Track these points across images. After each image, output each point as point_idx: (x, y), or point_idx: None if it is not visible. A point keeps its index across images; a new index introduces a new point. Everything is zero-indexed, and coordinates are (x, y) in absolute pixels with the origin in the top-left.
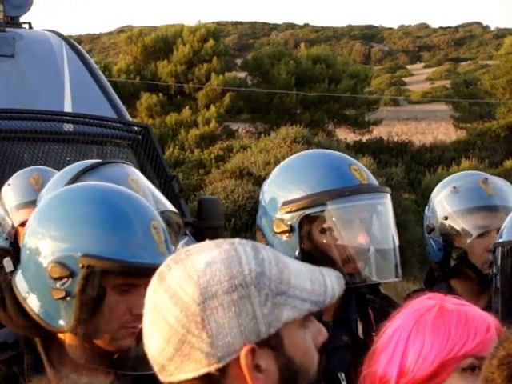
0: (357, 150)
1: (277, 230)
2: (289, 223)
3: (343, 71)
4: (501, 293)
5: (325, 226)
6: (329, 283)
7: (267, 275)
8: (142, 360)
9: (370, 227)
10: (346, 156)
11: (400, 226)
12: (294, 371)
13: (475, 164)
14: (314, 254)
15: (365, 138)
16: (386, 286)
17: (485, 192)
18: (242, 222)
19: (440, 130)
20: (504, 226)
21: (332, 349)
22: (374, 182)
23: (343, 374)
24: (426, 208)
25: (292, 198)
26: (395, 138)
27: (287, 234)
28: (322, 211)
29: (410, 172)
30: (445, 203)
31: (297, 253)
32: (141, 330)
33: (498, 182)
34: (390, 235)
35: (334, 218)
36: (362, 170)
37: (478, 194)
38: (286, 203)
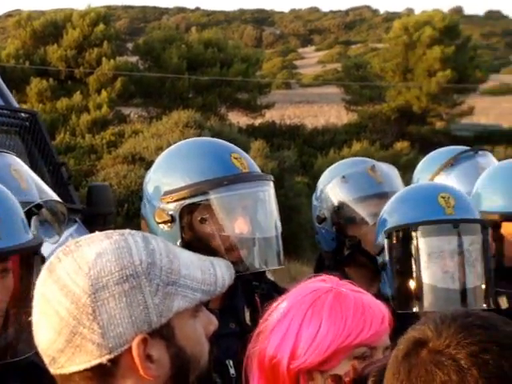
0: (249, 133)
1: (158, 220)
2: (170, 213)
3: (235, 55)
4: (392, 278)
5: (205, 215)
6: (219, 273)
7: (158, 265)
8: (11, 348)
9: (253, 215)
10: (228, 144)
11: (293, 209)
12: (186, 360)
13: (366, 146)
14: (195, 245)
15: (257, 122)
16: (279, 270)
17: (374, 180)
18: (136, 207)
19: (332, 113)
20: (384, 211)
21: (219, 336)
22: (256, 169)
23: (231, 362)
24: (314, 197)
25: (173, 187)
26: (287, 122)
27: (169, 224)
28: (202, 201)
29: (302, 155)
30: (335, 193)
31: (178, 243)
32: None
33: (385, 168)
34: (273, 223)
35: (214, 208)
36: (243, 158)
37: (367, 183)
38: (166, 193)
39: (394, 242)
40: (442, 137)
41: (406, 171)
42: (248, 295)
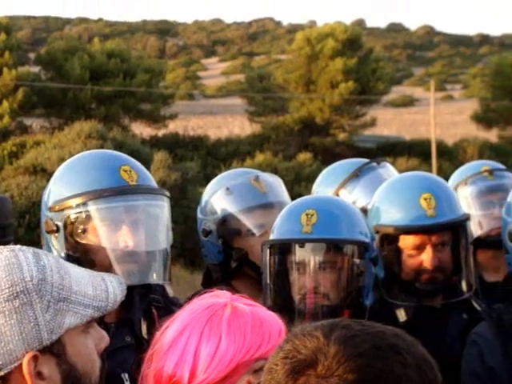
0: (152, 144)
1: (47, 230)
2: (56, 223)
3: (138, 66)
4: (269, 289)
5: (87, 226)
6: (110, 288)
7: (49, 282)
8: None
9: (135, 229)
10: (122, 157)
11: (196, 220)
12: (77, 378)
13: (270, 157)
14: (77, 256)
15: (161, 133)
16: (183, 281)
17: (258, 190)
18: (37, 218)
19: (235, 124)
20: (275, 225)
21: (115, 349)
22: (149, 183)
23: (127, 375)
24: (198, 210)
25: (61, 197)
26: (191, 133)
27: (55, 234)
28: (82, 212)
29: (205, 166)
30: (220, 205)
31: (63, 254)
32: None
33: (269, 178)
34: (158, 237)
35: (93, 220)
36: (133, 171)
37: (252, 193)
38: (54, 202)
39: (272, 255)
40: (344, 148)
41: (309, 182)
42: (145, 308)
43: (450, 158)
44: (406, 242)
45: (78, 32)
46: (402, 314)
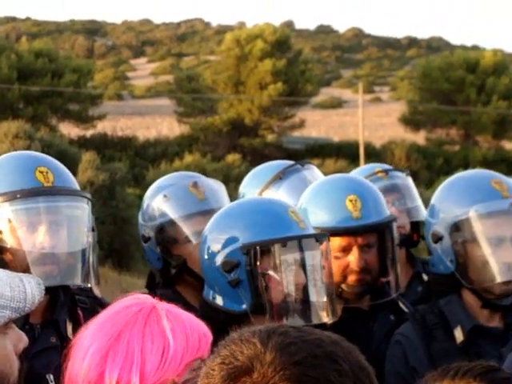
0: (80, 145)
1: None
2: None
3: (66, 65)
4: (250, 294)
5: (4, 228)
6: (28, 289)
7: None
8: None
9: (55, 230)
10: (40, 157)
11: (124, 220)
12: None
13: (198, 158)
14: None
15: (89, 133)
16: (110, 282)
17: (196, 197)
18: None
19: (164, 125)
20: (227, 226)
21: (40, 350)
22: (67, 184)
23: (52, 376)
24: (140, 215)
25: None
26: (119, 133)
27: None
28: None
29: (134, 167)
30: (158, 212)
31: None
32: None
33: (210, 183)
34: (76, 238)
35: (12, 221)
36: (50, 173)
37: (189, 200)
38: None
39: (254, 257)
40: (273, 149)
41: (238, 183)
42: (70, 309)
43: (378, 159)
44: (333, 244)
45: (5, 31)
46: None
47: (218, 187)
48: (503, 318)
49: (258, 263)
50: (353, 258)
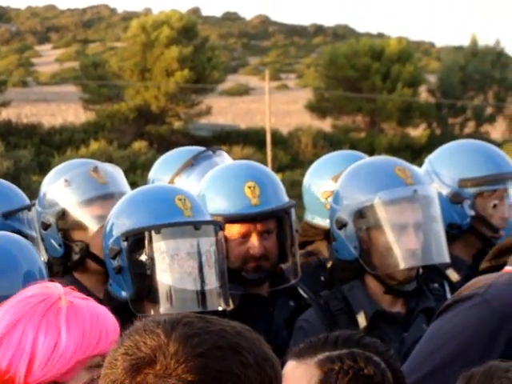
0: None
1: None
2: None
3: None
4: (131, 281)
5: None
6: None
7: None
8: None
9: None
10: None
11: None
12: None
13: (104, 146)
14: None
15: None
16: None
17: (98, 181)
18: None
19: (70, 112)
20: (113, 214)
21: None
22: None
23: None
24: (37, 203)
25: None
26: (24, 120)
27: None
28: None
29: (39, 154)
30: (59, 197)
31: None
32: None
33: (109, 168)
34: None
35: None
36: None
37: (91, 184)
38: None
39: (134, 244)
40: (180, 136)
41: (145, 170)
42: None
43: (285, 146)
44: (232, 230)
45: None
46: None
47: (117, 172)
48: (405, 303)
49: (137, 250)
50: (252, 245)
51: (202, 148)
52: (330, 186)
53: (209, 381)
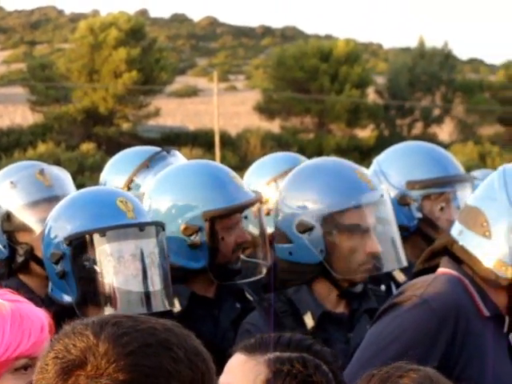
0: None
1: None
2: None
3: None
4: (76, 285)
5: None
6: None
7: None
8: None
9: None
10: None
11: None
12: None
13: (52, 148)
14: None
15: None
16: None
17: (43, 184)
18: None
19: (17, 114)
20: (52, 217)
21: None
22: None
23: None
24: None
25: None
26: None
27: None
28: None
29: None
30: (4, 199)
31: None
32: None
33: (55, 171)
34: None
35: None
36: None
37: (36, 187)
38: None
39: (77, 248)
40: (128, 138)
41: (93, 173)
42: None
43: (234, 148)
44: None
45: None
46: (176, 305)
47: (63, 175)
48: (348, 304)
49: (81, 254)
50: (241, 233)
51: (155, 148)
52: (264, 190)
53: (141, 378)
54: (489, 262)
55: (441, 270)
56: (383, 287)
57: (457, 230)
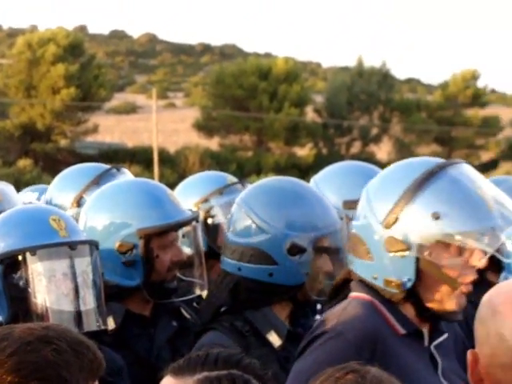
0: None
1: None
2: None
3: None
4: (7, 305)
5: None
6: None
7: None
8: None
9: None
10: None
11: None
12: None
13: None
14: None
15: None
16: None
17: None
18: None
19: None
20: None
21: None
22: None
23: None
24: None
25: None
26: None
27: None
28: None
29: None
30: None
31: None
32: None
33: (1, 185)
34: None
35: None
36: None
37: None
38: None
39: (9, 267)
40: (66, 155)
41: None
42: None
43: (172, 165)
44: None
45: None
46: (111, 322)
47: (9, 190)
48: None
49: (13, 273)
50: (178, 251)
51: (103, 165)
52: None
53: (30, 374)
54: (379, 282)
55: (352, 294)
56: None
57: (350, 262)
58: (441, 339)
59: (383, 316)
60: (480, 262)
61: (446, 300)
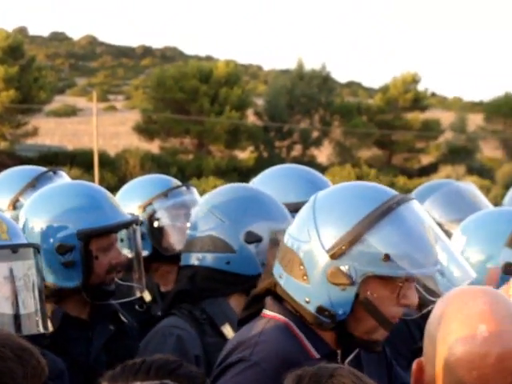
0: None
1: None
2: None
3: None
4: None
5: None
6: None
7: None
8: None
9: None
10: None
11: None
12: None
13: None
14: None
15: None
16: None
17: None
18: None
19: None
20: None
21: None
22: None
23: None
24: None
25: None
26: None
27: None
28: None
29: None
30: None
31: None
32: None
33: None
34: None
35: None
36: None
37: None
38: None
39: None
40: (5, 157)
41: None
42: None
43: (113, 168)
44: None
45: None
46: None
47: None
48: None
49: None
50: (117, 254)
51: (40, 168)
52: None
53: None
54: (311, 307)
55: (266, 312)
56: None
57: (277, 273)
58: (352, 355)
59: (299, 340)
60: (416, 299)
61: (373, 331)
